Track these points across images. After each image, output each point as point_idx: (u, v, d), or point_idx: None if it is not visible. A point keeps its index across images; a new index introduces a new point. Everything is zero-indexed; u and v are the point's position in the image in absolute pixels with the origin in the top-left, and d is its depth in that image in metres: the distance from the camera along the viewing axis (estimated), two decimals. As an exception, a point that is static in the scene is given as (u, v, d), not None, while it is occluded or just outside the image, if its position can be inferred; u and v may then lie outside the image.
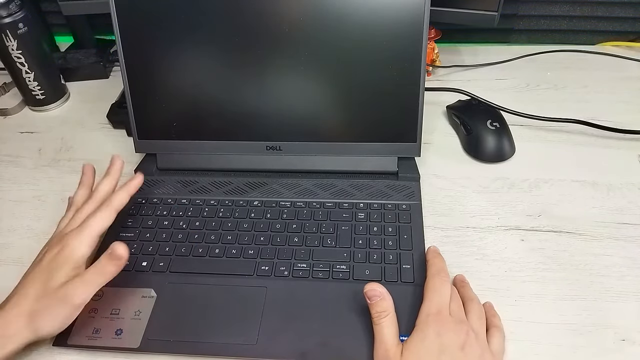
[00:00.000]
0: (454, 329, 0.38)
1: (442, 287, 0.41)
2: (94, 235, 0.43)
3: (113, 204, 0.46)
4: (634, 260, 0.48)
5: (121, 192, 0.47)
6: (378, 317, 0.39)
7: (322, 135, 0.56)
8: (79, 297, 0.40)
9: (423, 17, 0.50)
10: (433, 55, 0.75)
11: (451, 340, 0.38)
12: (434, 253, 0.46)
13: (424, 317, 0.39)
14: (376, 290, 0.40)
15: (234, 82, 0.54)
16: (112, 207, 0.45)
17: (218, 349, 0.42)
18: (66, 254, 0.42)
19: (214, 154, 0.57)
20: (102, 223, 0.44)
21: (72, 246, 0.42)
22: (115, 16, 0.53)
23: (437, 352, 0.37)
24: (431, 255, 0.46)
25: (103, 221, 0.44)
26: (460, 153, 0.62)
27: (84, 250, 0.42)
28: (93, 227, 0.43)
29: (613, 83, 0.72)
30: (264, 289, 0.46)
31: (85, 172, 0.52)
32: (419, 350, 0.37)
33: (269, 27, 0.52)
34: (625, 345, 0.42)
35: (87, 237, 0.43)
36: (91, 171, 0.52)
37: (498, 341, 0.40)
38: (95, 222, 0.44)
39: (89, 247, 0.43)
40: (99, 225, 0.44)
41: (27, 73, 0.70)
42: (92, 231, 0.43)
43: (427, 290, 0.42)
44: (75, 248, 0.42)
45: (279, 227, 0.51)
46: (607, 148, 0.61)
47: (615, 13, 0.79)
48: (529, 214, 0.53)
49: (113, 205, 0.46)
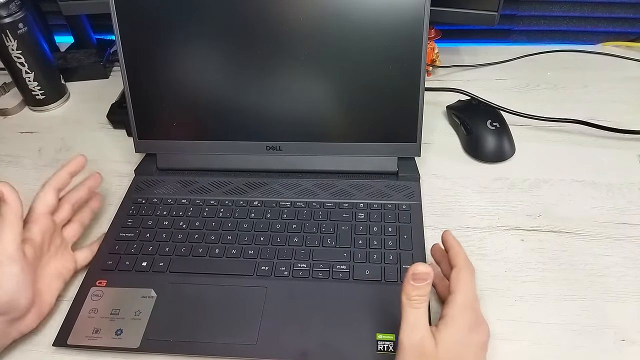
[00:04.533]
0: (480, 328, 0.39)
1: (473, 280, 0.40)
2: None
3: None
4: (634, 260, 0.48)
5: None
6: (418, 302, 0.36)
7: (322, 135, 0.56)
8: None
9: (423, 17, 0.50)
10: (433, 55, 0.75)
11: (478, 338, 0.38)
12: (455, 240, 0.43)
13: (460, 309, 0.38)
14: (424, 273, 0.36)
15: (234, 82, 0.54)
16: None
17: (218, 349, 0.42)
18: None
19: (214, 154, 0.57)
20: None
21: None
22: (115, 16, 0.53)
23: (465, 347, 0.37)
24: (455, 243, 0.43)
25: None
26: (460, 153, 0.62)
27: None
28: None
29: (613, 83, 0.72)
30: (264, 289, 0.46)
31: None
32: (453, 341, 0.37)
33: (269, 27, 0.52)
34: (625, 345, 0.42)
35: None
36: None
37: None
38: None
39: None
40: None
41: (27, 73, 0.70)
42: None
43: (460, 281, 0.39)
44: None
45: (279, 227, 0.51)
46: (607, 148, 0.61)
47: (615, 13, 0.79)
48: (529, 214, 0.53)
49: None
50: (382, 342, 0.41)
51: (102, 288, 0.47)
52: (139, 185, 0.57)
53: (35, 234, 0.44)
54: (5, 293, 0.39)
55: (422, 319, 0.36)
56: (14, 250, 0.40)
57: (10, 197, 0.41)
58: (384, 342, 0.41)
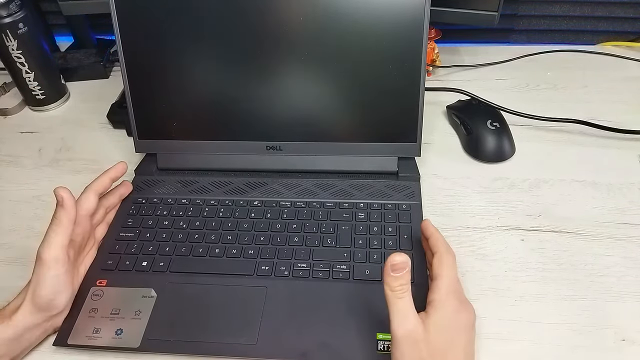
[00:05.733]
0: (466, 308, 0.40)
1: (454, 264, 0.41)
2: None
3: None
4: (634, 260, 0.48)
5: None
6: (401, 291, 0.37)
7: (322, 135, 0.56)
8: (43, 251, 0.41)
9: (423, 17, 0.50)
10: (433, 55, 0.75)
11: (465, 317, 0.39)
12: (433, 228, 0.45)
13: (445, 293, 0.39)
14: (402, 262, 0.36)
15: (234, 82, 0.54)
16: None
17: (218, 349, 0.42)
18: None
19: (214, 154, 0.57)
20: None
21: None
22: (115, 16, 0.53)
23: (455, 328, 0.38)
24: (434, 230, 0.44)
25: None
26: (460, 153, 0.62)
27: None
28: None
29: (613, 83, 0.72)
30: (264, 289, 0.46)
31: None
32: (443, 325, 0.37)
33: (269, 27, 0.52)
34: (625, 345, 0.42)
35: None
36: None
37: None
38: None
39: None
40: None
41: (27, 73, 0.70)
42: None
43: (443, 266, 0.40)
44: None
45: (279, 227, 0.51)
46: (607, 148, 0.61)
47: (615, 13, 0.79)
48: (529, 214, 0.53)
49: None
50: (382, 342, 0.41)
51: (102, 288, 0.46)
52: (139, 185, 0.57)
53: (77, 236, 0.46)
54: (50, 293, 0.41)
55: (409, 307, 0.37)
56: (61, 253, 0.42)
57: (68, 202, 0.43)
58: (384, 342, 0.41)
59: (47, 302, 0.41)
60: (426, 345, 0.36)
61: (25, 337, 0.41)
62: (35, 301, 0.41)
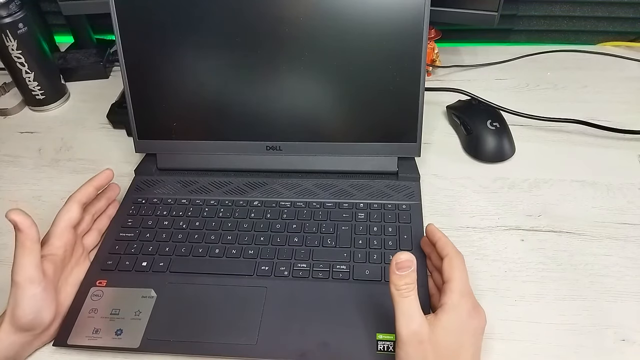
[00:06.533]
0: (478, 313, 0.39)
1: (464, 266, 0.41)
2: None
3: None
4: (634, 260, 0.48)
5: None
6: (407, 290, 0.36)
7: (322, 135, 0.56)
8: (15, 273, 0.40)
9: (423, 17, 0.50)
10: (433, 55, 0.75)
11: (476, 323, 0.39)
12: (440, 232, 0.45)
13: (458, 295, 0.38)
14: (409, 261, 0.36)
15: (234, 82, 0.54)
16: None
17: (218, 349, 0.42)
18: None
19: (214, 154, 0.57)
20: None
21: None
22: (115, 16, 0.53)
23: (464, 332, 0.38)
24: (441, 234, 0.44)
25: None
26: (460, 153, 0.62)
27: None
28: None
29: (613, 83, 0.72)
30: (264, 289, 0.46)
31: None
32: (453, 328, 0.37)
33: (269, 27, 0.52)
34: (625, 345, 0.42)
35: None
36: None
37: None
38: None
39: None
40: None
41: (27, 73, 0.70)
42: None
43: (454, 268, 0.40)
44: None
45: (279, 227, 0.51)
46: (607, 148, 0.61)
47: (615, 13, 0.79)
48: (529, 214, 0.53)
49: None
50: (382, 342, 0.41)
51: (102, 288, 0.47)
52: (139, 185, 0.57)
53: (57, 249, 0.45)
54: (28, 313, 0.40)
55: (415, 307, 0.36)
56: (33, 273, 0.41)
57: (23, 224, 0.41)
58: (384, 342, 0.41)
59: (29, 322, 0.40)
60: (432, 346, 0.36)
61: (11, 356, 0.41)
62: (15, 323, 0.40)
